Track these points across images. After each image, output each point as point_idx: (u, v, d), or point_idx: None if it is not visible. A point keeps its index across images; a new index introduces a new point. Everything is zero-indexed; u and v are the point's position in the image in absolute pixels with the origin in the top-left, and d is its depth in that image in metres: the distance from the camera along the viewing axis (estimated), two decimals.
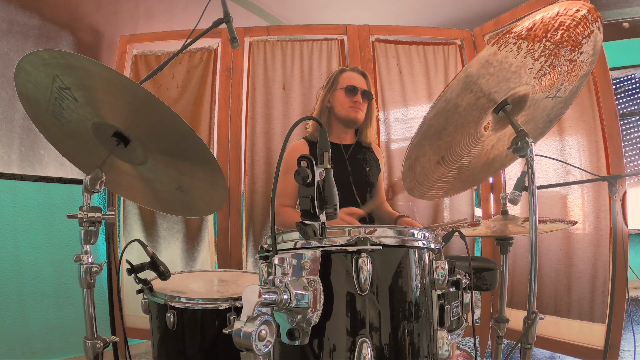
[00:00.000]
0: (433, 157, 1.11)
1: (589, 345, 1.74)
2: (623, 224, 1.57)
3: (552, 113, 1.15)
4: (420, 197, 1.25)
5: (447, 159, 1.14)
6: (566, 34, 0.91)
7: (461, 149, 1.12)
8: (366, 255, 0.68)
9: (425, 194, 1.23)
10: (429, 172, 1.16)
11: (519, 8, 2.01)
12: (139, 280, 1.08)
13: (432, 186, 1.22)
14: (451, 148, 1.11)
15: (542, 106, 1.10)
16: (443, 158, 1.13)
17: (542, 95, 1.05)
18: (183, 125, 0.85)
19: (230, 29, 1.13)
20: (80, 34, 2.14)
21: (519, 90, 1.01)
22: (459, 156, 1.14)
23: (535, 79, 1.00)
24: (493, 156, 1.22)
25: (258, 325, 0.54)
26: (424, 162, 1.11)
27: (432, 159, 1.12)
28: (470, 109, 1.01)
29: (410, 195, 2.12)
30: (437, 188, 1.23)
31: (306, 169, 0.66)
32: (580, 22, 0.91)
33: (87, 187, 0.92)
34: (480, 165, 1.22)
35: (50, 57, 0.81)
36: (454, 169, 1.18)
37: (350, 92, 1.54)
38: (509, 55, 0.90)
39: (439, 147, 1.08)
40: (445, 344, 0.75)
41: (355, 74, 1.60)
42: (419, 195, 1.23)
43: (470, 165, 1.20)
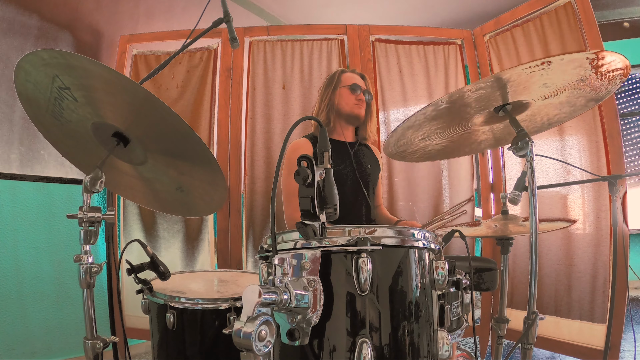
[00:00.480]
0: (422, 133, 1.13)
1: (589, 345, 1.74)
2: (623, 224, 1.57)
3: (552, 119, 1.15)
4: (401, 159, 1.28)
5: (434, 136, 1.16)
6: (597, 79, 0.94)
7: (449, 132, 1.15)
8: (366, 255, 0.68)
9: (405, 157, 1.27)
10: (412, 143, 1.19)
11: (519, 8, 2.01)
12: (138, 280, 1.08)
13: (414, 152, 1.25)
14: (442, 130, 1.13)
15: (543, 111, 1.11)
16: (429, 136, 1.15)
17: (545, 103, 1.06)
18: (183, 125, 0.85)
19: (230, 28, 1.13)
20: (80, 33, 2.14)
21: (525, 99, 1.02)
22: (448, 135, 1.17)
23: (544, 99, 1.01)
24: (481, 139, 1.24)
25: (258, 325, 0.54)
26: (410, 135, 1.13)
27: (420, 134, 1.14)
28: (466, 108, 1.02)
29: (409, 196, 2.12)
30: (418, 154, 1.26)
31: (306, 169, 0.66)
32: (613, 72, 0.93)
33: (86, 187, 0.92)
34: (467, 143, 1.25)
35: (50, 57, 0.81)
36: (440, 144, 1.21)
37: (355, 89, 1.57)
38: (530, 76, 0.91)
39: (431, 129, 1.10)
40: (446, 344, 0.75)
41: (355, 75, 1.63)
42: (400, 157, 1.27)
43: (456, 141, 1.22)
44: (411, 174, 2.13)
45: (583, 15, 1.79)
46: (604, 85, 0.97)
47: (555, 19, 1.88)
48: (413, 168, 2.13)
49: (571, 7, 1.83)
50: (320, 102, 1.61)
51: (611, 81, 0.95)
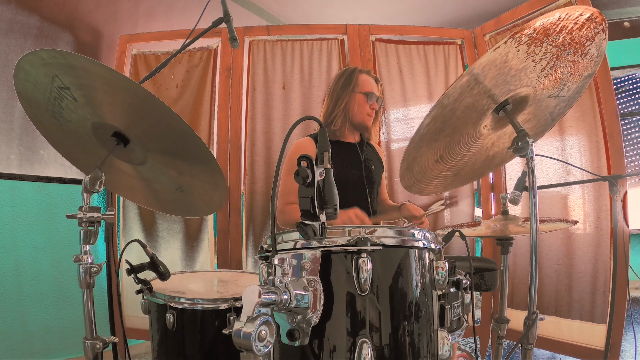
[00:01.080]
0: (431, 156, 1.11)
1: (589, 345, 1.74)
2: (624, 224, 1.57)
3: (554, 112, 1.14)
4: (419, 193, 1.25)
5: (445, 158, 1.14)
6: (569, 37, 0.91)
7: (460, 148, 1.12)
8: (366, 255, 0.67)
9: (423, 189, 1.24)
10: (427, 170, 1.16)
11: (519, 7, 2.00)
12: (138, 280, 1.08)
13: (430, 182, 1.22)
14: (449, 147, 1.11)
15: (544, 105, 1.10)
16: (442, 157, 1.13)
17: (544, 94, 1.05)
18: (183, 125, 0.85)
19: (230, 28, 1.13)
20: (80, 33, 2.14)
21: (520, 91, 1.01)
22: (457, 154, 1.14)
23: (536, 80, 1.00)
24: (493, 153, 1.22)
25: (258, 325, 0.53)
26: (421, 162, 1.11)
27: (430, 159, 1.12)
28: (468, 111, 1.01)
29: (409, 196, 2.12)
30: (435, 184, 1.24)
31: (306, 169, 0.66)
32: (583, 25, 0.90)
33: (86, 187, 0.92)
34: (481, 161, 1.23)
35: (50, 57, 0.81)
36: (453, 165, 1.18)
37: (371, 99, 1.51)
38: (510, 58, 0.90)
39: (437, 147, 1.08)
40: (446, 345, 0.75)
41: (371, 79, 1.56)
42: (417, 191, 1.24)
43: (470, 162, 1.20)
44: None
45: None
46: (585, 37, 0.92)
47: None
48: None
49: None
50: (334, 103, 1.53)
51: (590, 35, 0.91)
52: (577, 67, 1.00)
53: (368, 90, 1.52)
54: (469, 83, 0.90)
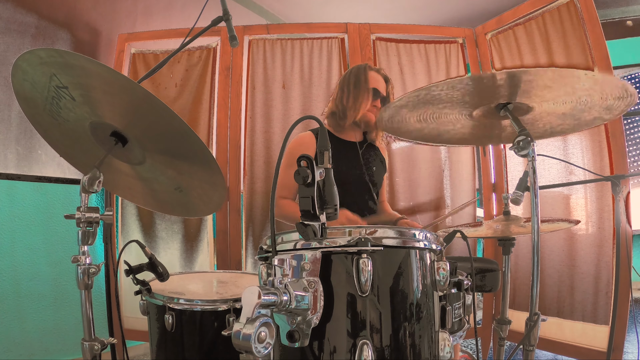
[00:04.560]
0: (414, 116, 1.11)
1: (592, 347, 1.73)
2: (627, 224, 1.56)
3: (555, 129, 1.15)
4: (394, 134, 1.26)
5: (428, 120, 1.14)
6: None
7: (446, 117, 1.13)
8: (367, 256, 0.67)
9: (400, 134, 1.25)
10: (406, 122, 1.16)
11: (521, 6, 2.00)
12: (137, 281, 1.07)
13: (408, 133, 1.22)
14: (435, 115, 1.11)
15: (546, 119, 1.10)
16: (424, 119, 1.13)
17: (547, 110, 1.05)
18: (182, 125, 0.84)
19: (229, 27, 1.13)
20: (78, 32, 2.13)
21: (528, 102, 1.01)
22: (441, 123, 1.15)
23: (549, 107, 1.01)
24: (482, 133, 1.23)
25: (257, 327, 0.53)
26: (404, 114, 1.11)
27: (413, 117, 1.12)
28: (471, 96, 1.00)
29: (410, 196, 2.12)
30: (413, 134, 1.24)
31: (306, 168, 0.65)
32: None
33: (84, 187, 0.91)
34: (467, 132, 1.23)
35: (48, 56, 0.80)
36: (433, 130, 1.19)
37: (375, 95, 1.51)
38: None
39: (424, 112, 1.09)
40: (447, 346, 0.74)
41: (380, 77, 1.56)
42: (393, 132, 1.24)
43: (454, 131, 1.21)
44: (412, 174, 2.12)
45: (586, 14, 1.78)
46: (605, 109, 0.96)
47: (557, 18, 1.87)
48: (414, 168, 2.12)
49: (574, 6, 1.82)
50: (347, 98, 1.51)
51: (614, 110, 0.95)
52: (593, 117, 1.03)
53: (373, 86, 1.52)
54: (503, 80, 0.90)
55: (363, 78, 1.52)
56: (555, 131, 1.16)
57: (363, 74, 1.52)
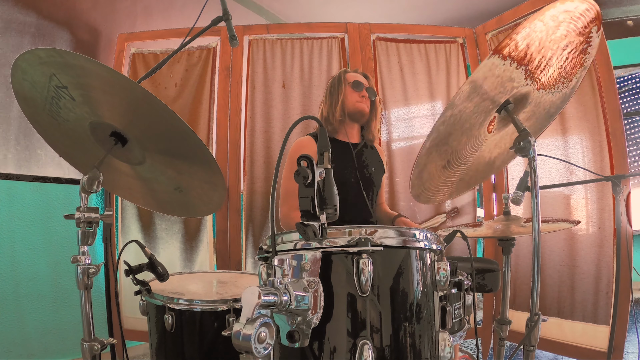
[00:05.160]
0: (440, 162, 1.11)
1: (592, 347, 1.73)
2: (627, 224, 1.56)
3: (551, 108, 1.14)
4: (426, 202, 1.25)
5: (452, 163, 1.13)
6: (567, 31, 0.90)
7: (466, 152, 1.12)
8: (367, 256, 0.67)
9: (430, 198, 1.23)
10: (434, 177, 1.15)
11: (521, 6, 1.99)
12: (137, 281, 1.07)
13: (437, 190, 1.21)
14: (456, 152, 1.10)
15: (542, 102, 1.09)
16: (449, 162, 1.12)
17: (543, 91, 1.04)
18: (181, 125, 0.84)
19: (229, 27, 1.12)
20: (78, 32, 2.13)
21: (520, 89, 1.00)
22: (463, 158, 1.14)
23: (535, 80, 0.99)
24: (495, 155, 1.21)
25: (257, 327, 0.53)
26: (430, 169, 1.11)
27: (439, 164, 1.11)
28: (475, 112, 1.00)
29: (410, 196, 2.11)
30: (442, 192, 1.23)
31: (306, 169, 0.65)
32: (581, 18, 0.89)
33: (84, 187, 0.91)
34: (483, 164, 1.22)
35: (47, 56, 0.80)
36: (458, 170, 1.18)
37: (357, 86, 1.57)
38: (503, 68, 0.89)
39: (445, 151, 1.08)
40: (447, 346, 0.74)
41: (358, 74, 1.63)
42: (425, 200, 1.23)
43: (473, 166, 1.19)
44: None
45: None
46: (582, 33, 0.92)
47: None
48: None
49: None
50: (330, 100, 1.59)
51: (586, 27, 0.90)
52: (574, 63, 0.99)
53: (353, 80, 1.58)
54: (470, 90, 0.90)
55: (341, 79, 1.60)
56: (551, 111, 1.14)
57: (339, 77, 1.61)
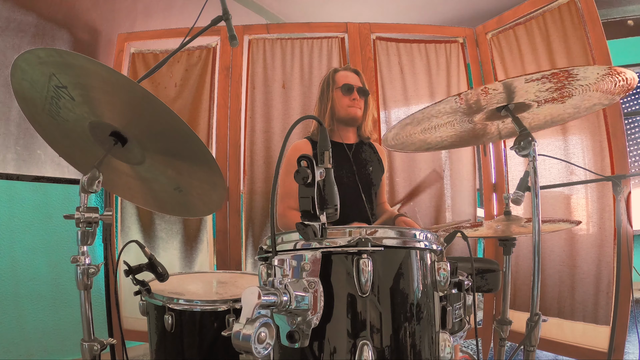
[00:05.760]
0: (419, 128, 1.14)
1: (592, 347, 1.73)
2: (627, 224, 1.55)
3: (556, 118, 1.14)
4: (401, 150, 1.30)
5: (431, 131, 1.16)
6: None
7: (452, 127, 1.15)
8: (367, 256, 0.67)
9: (404, 148, 1.28)
10: (411, 136, 1.19)
11: (521, 6, 1.99)
12: (136, 281, 1.07)
13: (412, 144, 1.26)
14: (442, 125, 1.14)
15: (547, 111, 1.09)
16: (426, 129, 1.16)
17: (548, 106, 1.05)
18: (181, 125, 0.84)
19: (229, 26, 1.12)
20: (77, 32, 2.12)
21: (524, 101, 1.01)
22: (445, 132, 1.18)
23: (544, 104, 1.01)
24: (482, 133, 1.24)
25: (257, 327, 0.53)
26: (410, 130, 1.14)
27: (417, 129, 1.14)
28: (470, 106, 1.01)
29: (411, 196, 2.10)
30: (417, 147, 1.28)
31: (306, 169, 0.65)
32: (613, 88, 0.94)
33: (84, 187, 0.91)
34: (468, 136, 1.25)
35: (47, 55, 0.80)
36: (439, 137, 1.22)
37: (347, 90, 1.54)
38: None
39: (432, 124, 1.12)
40: (448, 347, 0.74)
41: (349, 73, 1.60)
42: (399, 148, 1.28)
43: (457, 135, 1.22)
44: (413, 174, 2.11)
45: (586, 13, 1.78)
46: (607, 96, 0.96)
47: (558, 17, 1.87)
48: (414, 168, 2.12)
49: (574, 5, 1.82)
50: (320, 107, 1.59)
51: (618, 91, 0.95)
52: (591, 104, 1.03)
53: (342, 83, 1.56)
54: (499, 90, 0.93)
55: (330, 82, 1.58)
56: (556, 120, 1.16)
57: (328, 79, 1.59)
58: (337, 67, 1.66)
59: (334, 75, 1.58)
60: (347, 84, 1.54)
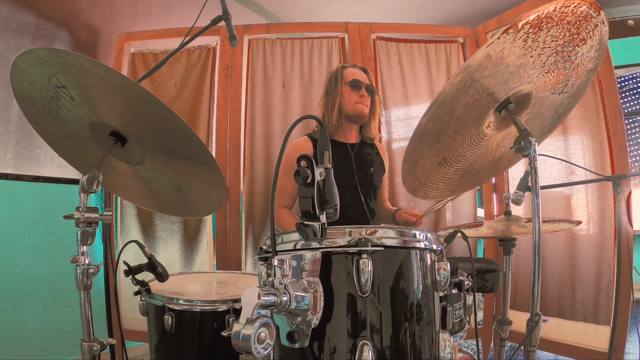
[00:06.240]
0: (434, 159, 1.10)
1: (593, 347, 1.72)
2: (628, 224, 1.55)
3: (560, 109, 1.13)
4: (424, 197, 1.23)
5: (449, 160, 1.12)
6: (567, 29, 0.89)
7: (464, 149, 1.11)
8: (367, 256, 0.67)
9: (428, 194, 1.22)
10: (431, 174, 1.14)
11: (522, 5, 1.99)
12: (136, 281, 1.07)
13: (435, 186, 1.20)
14: (452, 149, 1.09)
15: (548, 103, 1.08)
16: (445, 159, 1.11)
17: (547, 92, 1.04)
18: (181, 125, 0.84)
19: (229, 26, 1.12)
20: (77, 31, 2.12)
21: (521, 88, 0.99)
22: (461, 156, 1.13)
23: (537, 77, 0.98)
24: (499, 154, 1.20)
25: (257, 327, 0.53)
26: (424, 165, 1.10)
27: (434, 161, 1.11)
28: (468, 110, 0.99)
29: (410, 196, 2.11)
30: (440, 187, 1.21)
31: (306, 168, 0.65)
32: (580, 17, 0.88)
33: (83, 187, 0.91)
34: (487, 163, 1.21)
35: (47, 55, 0.80)
36: (458, 168, 1.17)
37: (356, 87, 1.52)
38: (506, 55, 0.88)
39: (439, 149, 1.07)
40: (448, 347, 0.74)
41: (357, 70, 1.58)
42: (423, 195, 1.22)
43: (476, 164, 1.18)
44: None
45: None
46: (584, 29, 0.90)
47: None
48: None
49: None
50: (327, 102, 1.57)
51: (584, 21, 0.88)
52: (580, 62, 0.98)
53: (351, 79, 1.54)
54: (465, 81, 0.89)
55: (339, 77, 1.55)
56: (560, 112, 1.13)
57: (337, 75, 1.57)
58: (345, 64, 1.64)
59: (342, 71, 1.56)
60: (355, 80, 1.53)
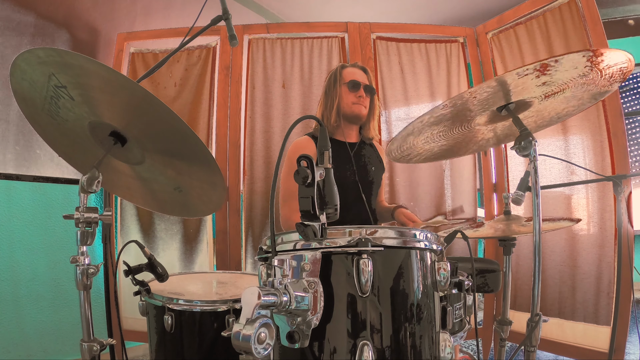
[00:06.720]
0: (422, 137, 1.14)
1: (593, 347, 1.72)
2: (628, 224, 1.55)
3: (561, 113, 1.14)
4: (407, 162, 1.28)
5: (435, 140, 1.16)
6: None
7: (452, 133, 1.16)
8: (367, 256, 0.66)
9: (410, 160, 1.27)
10: (416, 147, 1.19)
11: (522, 5, 1.99)
12: (136, 281, 1.06)
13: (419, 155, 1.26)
14: (444, 133, 1.14)
15: (551, 107, 1.09)
16: (432, 139, 1.16)
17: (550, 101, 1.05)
18: (181, 125, 0.84)
19: (229, 26, 1.12)
20: (77, 31, 2.12)
21: (524, 98, 1.00)
22: (450, 137, 1.17)
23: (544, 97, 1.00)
24: (486, 138, 1.24)
25: (257, 327, 0.53)
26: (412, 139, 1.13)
27: (420, 139, 1.15)
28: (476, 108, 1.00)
29: (410, 196, 2.11)
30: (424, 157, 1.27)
31: (306, 169, 0.65)
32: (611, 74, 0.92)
33: (83, 187, 0.91)
34: (473, 141, 1.25)
35: (46, 55, 0.80)
36: (443, 145, 1.22)
37: (354, 87, 1.52)
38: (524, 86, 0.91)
39: (433, 131, 1.11)
40: (448, 347, 0.74)
41: (356, 69, 1.58)
42: (405, 161, 1.27)
43: (462, 141, 1.22)
44: (413, 175, 2.11)
45: (587, 13, 1.77)
46: (604, 82, 0.95)
47: (559, 17, 1.87)
48: (415, 168, 2.11)
49: (575, 5, 1.82)
50: (326, 102, 1.56)
51: (611, 78, 0.94)
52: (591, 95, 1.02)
53: (350, 79, 1.53)
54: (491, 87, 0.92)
55: (338, 77, 1.55)
56: (562, 115, 1.15)
57: (336, 74, 1.57)
58: (345, 64, 1.63)
59: (341, 71, 1.55)
60: (353, 80, 1.52)
